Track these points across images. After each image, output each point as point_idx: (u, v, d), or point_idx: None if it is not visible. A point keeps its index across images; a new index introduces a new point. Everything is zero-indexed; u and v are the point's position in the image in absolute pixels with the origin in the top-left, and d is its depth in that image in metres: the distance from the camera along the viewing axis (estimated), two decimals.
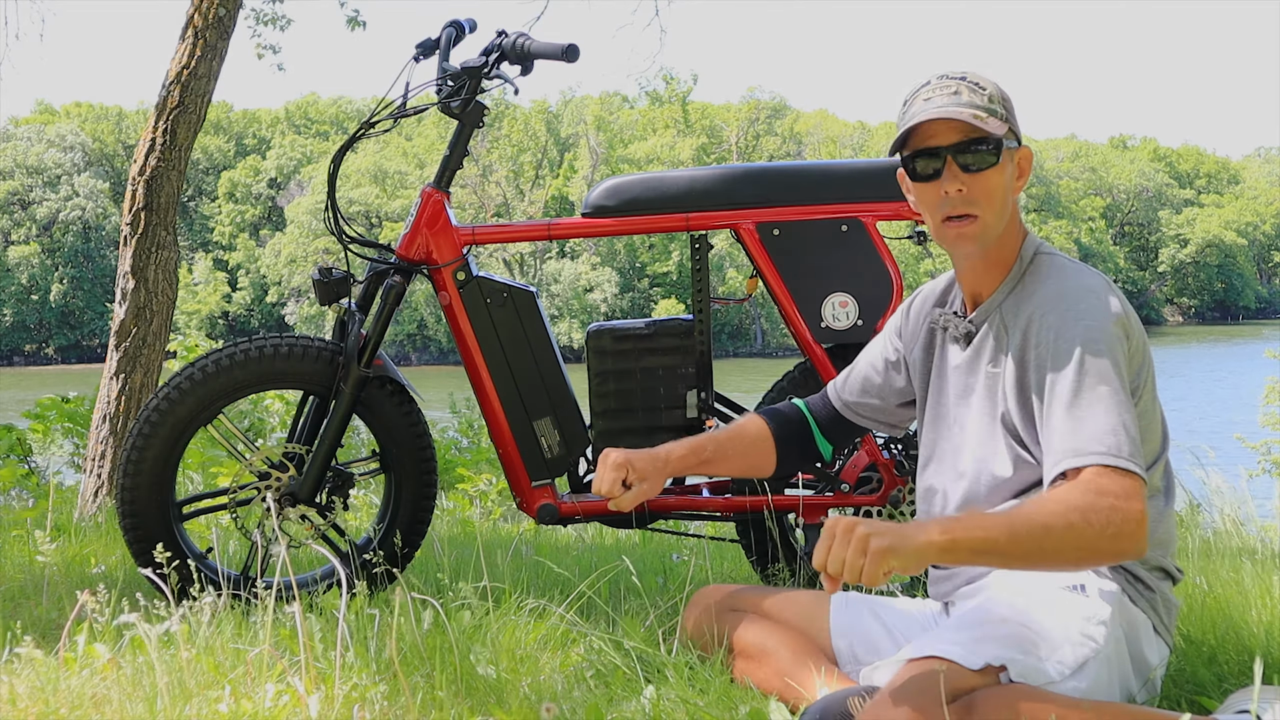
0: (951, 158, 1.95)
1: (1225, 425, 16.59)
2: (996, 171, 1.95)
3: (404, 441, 2.83)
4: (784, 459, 2.32)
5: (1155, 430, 1.99)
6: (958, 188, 1.95)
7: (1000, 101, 1.97)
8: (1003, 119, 1.96)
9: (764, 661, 2.09)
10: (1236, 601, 2.53)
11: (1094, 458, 1.78)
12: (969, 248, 1.98)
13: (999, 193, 1.96)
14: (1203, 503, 4.63)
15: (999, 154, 1.94)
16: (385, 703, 1.93)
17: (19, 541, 3.81)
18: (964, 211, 1.96)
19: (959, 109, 1.93)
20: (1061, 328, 1.89)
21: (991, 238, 1.98)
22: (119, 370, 4.55)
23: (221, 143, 60.51)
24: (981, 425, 2.02)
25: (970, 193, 1.95)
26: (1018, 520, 1.72)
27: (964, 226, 1.96)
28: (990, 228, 1.97)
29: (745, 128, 56.84)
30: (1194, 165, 76.39)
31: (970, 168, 1.94)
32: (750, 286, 3.01)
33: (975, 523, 1.72)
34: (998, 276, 2.02)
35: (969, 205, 1.95)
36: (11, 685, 2.03)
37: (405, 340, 49.61)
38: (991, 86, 1.98)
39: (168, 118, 4.55)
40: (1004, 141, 1.94)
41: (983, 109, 1.94)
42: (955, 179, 1.95)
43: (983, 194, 1.95)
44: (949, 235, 1.98)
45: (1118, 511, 1.73)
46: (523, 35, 2.80)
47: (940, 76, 1.99)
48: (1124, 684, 1.92)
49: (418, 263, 2.83)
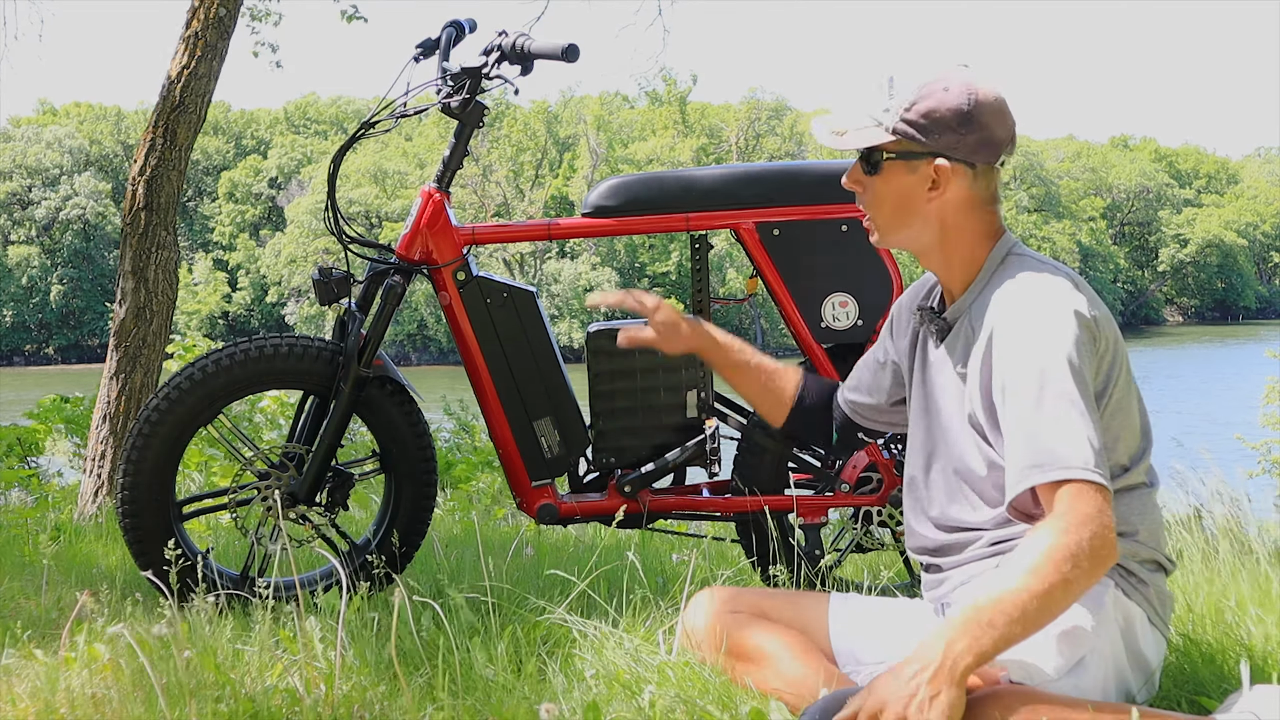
0: (859, 158, 2.05)
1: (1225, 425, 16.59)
2: (879, 180, 2.02)
3: (404, 441, 2.83)
4: (794, 417, 2.40)
5: (1135, 425, 1.99)
6: (851, 184, 2.07)
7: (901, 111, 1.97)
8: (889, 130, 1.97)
9: (764, 662, 2.09)
10: (1236, 602, 2.53)
11: (1061, 471, 1.79)
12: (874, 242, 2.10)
13: (888, 201, 2.03)
14: (1203, 503, 4.63)
15: (878, 165, 2.01)
16: (385, 703, 1.93)
17: (19, 541, 3.81)
18: (861, 208, 2.08)
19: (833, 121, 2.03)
20: (1022, 335, 1.89)
21: (889, 240, 2.07)
22: (119, 370, 4.55)
23: (221, 143, 60.50)
24: (955, 423, 2.04)
25: (864, 195, 2.06)
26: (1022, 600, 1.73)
27: (865, 222, 2.09)
28: (884, 231, 2.06)
29: (745, 128, 56.84)
30: (1194, 165, 76.39)
31: (865, 171, 2.04)
32: (750, 286, 3.01)
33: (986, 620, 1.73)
34: (965, 277, 2.05)
35: (864, 205, 2.07)
36: (11, 685, 2.03)
37: (405, 340, 49.61)
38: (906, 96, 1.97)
39: (168, 118, 4.56)
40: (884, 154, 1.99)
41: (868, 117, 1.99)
42: (851, 176, 2.07)
43: (871, 199, 2.05)
44: None
45: (1098, 538, 1.76)
46: (523, 35, 2.80)
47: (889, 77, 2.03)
48: (1122, 679, 1.93)
49: (418, 263, 2.83)
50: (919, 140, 1.97)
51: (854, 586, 2.92)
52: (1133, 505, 1.98)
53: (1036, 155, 65.38)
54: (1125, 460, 1.98)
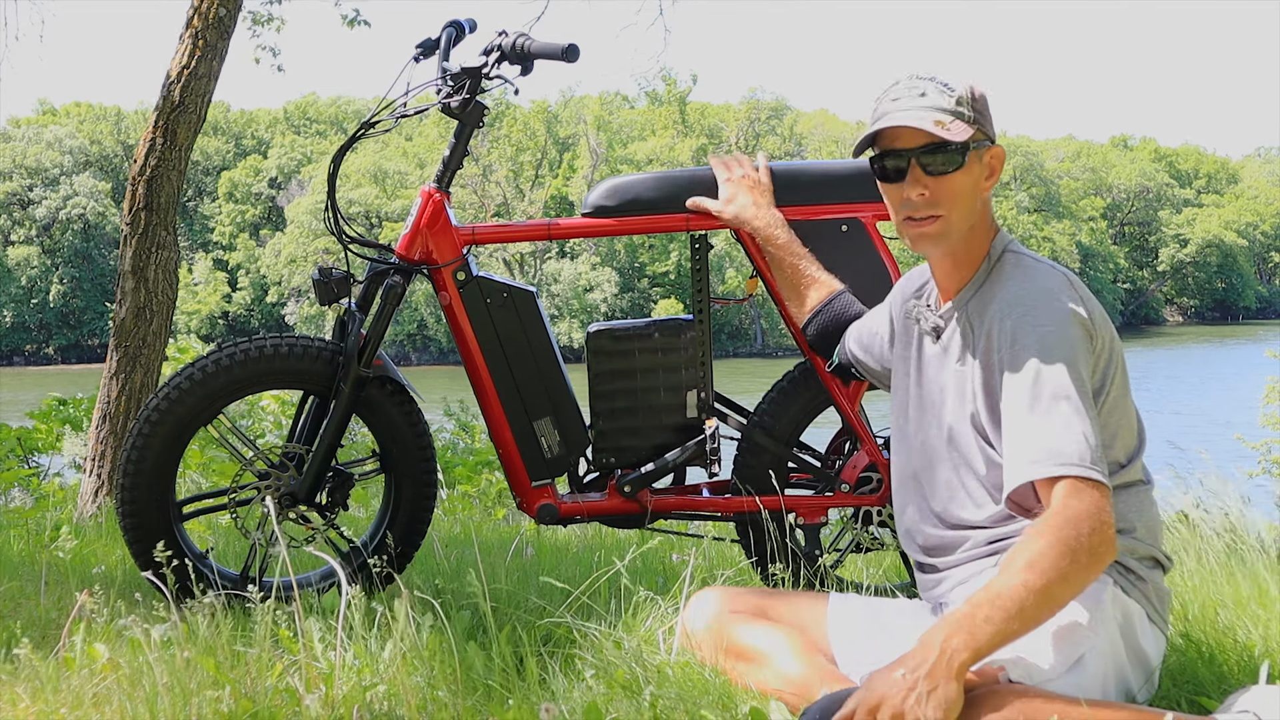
0: (915, 161, 1.99)
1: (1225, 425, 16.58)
2: (962, 174, 1.99)
3: (404, 441, 2.83)
4: (813, 324, 2.66)
5: (1130, 424, 2.00)
6: (919, 191, 2.00)
7: (969, 103, 1.98)
8: (970, 121, 1.97)
9: (763, 662, 2.09)
10: (1236, 601, 2.53)
11: (1058, 468, 1.80)
12: (928, 247, 2.04)
13: (963, 194, 1.99)
14: (1202, 503, 4.63)
15: (964, 157, 1.98)
16: (385, 703, 1.93)
17: (19, 541, 3.82)
18: (927, 213, 2.01)
19: (921, 115, 1.96)
20: (1019, 334, 1.90)
21: (954, 238, 2.03)
22: (119, 370, 4.55)
23: (221, 143, 60.50)
24: (955, 421, 2.05)
25: (933, 195, 2.00)
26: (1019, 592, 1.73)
27: (925, 226, 2.02)
28: (954, 228, 2.02)
29: (745, 128, 56.83)
30: (1194, 165, 76.38)
31: (933, 171, 1.98)
32: (750, 286, 3.01)
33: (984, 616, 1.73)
34: (966, 274, 2.06)
35: (932, 207, 2.00)
36: (11, 685, 2.03)
37: (405, 340, 49.61)
38: (962, 88, 1.99)
39: (168, 118, 4.55)
40: (970, 144, 1.97)
41: (948, 112, 1.96)
42: (918, 183, 2.00)
43: (946, 196, 1.99)
44: (910, 234, 2.04)
45: (1095, 534, 1.76)
46: (523, 35, 2.80)
47: (910, 76, 2.02)
48: (1122, 676, 1.93)
49: (418, 263, 2.83)
50: (986, 130, 2.01)
51: (853, 586, 2.92)
52: (1130, 503, 1.99)
53: (1036, 155, 65.37)
54: (1122, 458, 1.99)
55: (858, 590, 2.83)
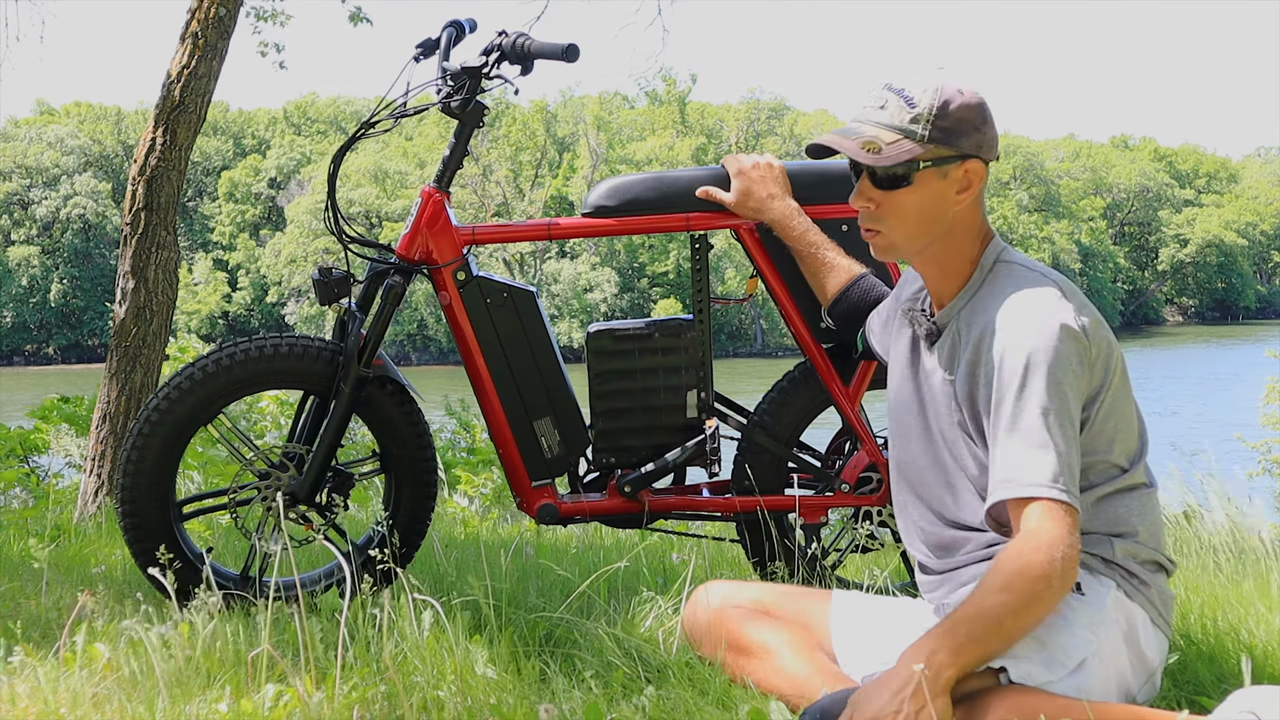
0: (866, 174, 2.00)
1: (1225, 426, 16.58)
2: (909, 192, 1.98)
3: (404, 441, 2.83)
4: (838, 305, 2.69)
5: (1131, 427, 2.00)
6: (864, 203, 2.01)
7: (929, 120, 1.95)
8: (923, 139, 1.95)
9: (764, 661, 2.09)
10: (1236, 601, 2.53)
11: (1032, 489, 1.83)
12: (879, 256, 2.06)
13: (911, 212, 1.99)
14: (1203, 503, 4.63)
15: (910, 177, 1.97)
16: (385, 703, 1.93)
17: (19, 541, 3.82)
18: (869, 226, 2.03)
19: (856, 133, 1.97)
20: (1006, 346, 1.90)
21: (903, 252, 2.04)
22: (119, 370, 4.55)
23: (220, 143, 60.50)
24: (948, 427, 2.05)
25: (880, 210, 2.00)
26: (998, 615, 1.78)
27: (870, 238, 2.04)
28: (899, 244, 2.02)
29: (745, 128, 56.82)
30: (1194, 165, 76.37)
31: (883, 185, 1.99)
32: (750, 286, 3.01)
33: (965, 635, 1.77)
34: (955, 283, 2.05)
35: (875, 221, 2.02)
36: (11, 685, 2.03)
37: (405, 340, 49.61)
38: (929, 103, 1.96)
39: (168, 118, 4.55)
40: (919, 163, 1.96)
41: (896, 129, 1.95)
42: (862, 194, 2.01)
43: (892, 212, 2.00)
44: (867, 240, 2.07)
45: (1067, 560, 1.80)
46: (523, 35, 2.80)
47: (883, 86, 2.01)
48: (1123, 680, 1.93)
49: (418, 263, 2.83)
50: (952, 145, 1.97)
51: (854, 586, 2.92)
52: (1132, 506, 1.99)
53: (1036, 155, 65.38)
54: (1124, 462, 1.98)
55: (859, 590, 2.82)
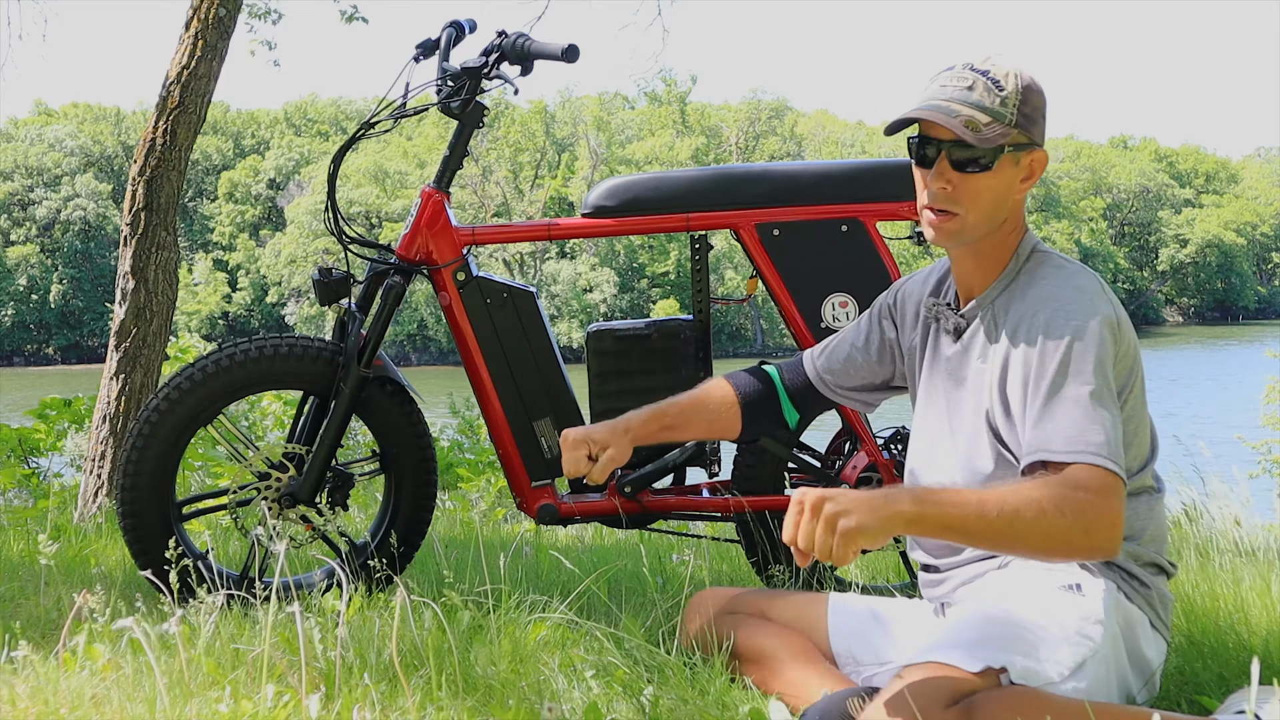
0: (945, 154, 1.94)
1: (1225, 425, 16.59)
2: (989, 177, 1.93)
3: (404, 442, 2.83)
4: (749, 424, 2.35)
5: (1145, 432, 2.00)
6: (942, 185, 1.95)
7: (1016, 105, 1.92)
8: (1010, 124, 1.92)
9: (763, 663, 2.09)
10: (1236, 601, 2.53)
11: (1074, 455, 1.78)
12: (943, 241, 1.99)
13: (987, 196, 1.94)
14: (1202, 503, 4.63)
15: (994, 161, 1.93)
16: (385, 703, 1.93)
17: (19, 541, 3.81)
18: (944, 207, 1.96)
19: (955, 111, 1.91)
20: (1051, 325, 1.89)
21: (969, 237, 1.98)
22: (119, 370, 4.55)
23: (221, 143, 60.50)
24: (967, 419, 2.02)
25: (956, 192, 1.94)
26: (989, 501, 1.71)
27: (942, 220, 1.97)
28: (970, 228, 1.97)
29: (745, 128, 56.84)
30: (1194, 165, 76.37)
31: (960, 168, 1.94)
32: (750, 286, 3.01)
33: (947, 499, 1.71)
34: (991, 273, 2.02)
35: (951, 203, 1.95)
36: (11, 685, 2.03)
37: (405, 340, 49.61)
38: (1013, 87, 1.93)
39: (168, 118, 4.55)
40: (1004, 148, 1.92)
41: (988, 111, 1.91)
42: (942, 176, 1.95)
43: (968, 195, 1.94)
44: (927, 222, 1.99)
45: (1093, 507, 1.73)
46: (522, 35, 2.80)
47: (965, 66, 1.96)
48: (1123, 682, 1.93)
49: (418, 263, 2.83)
50: (1028, 132, 1.95)
51: (853, 586, 2.92)
52: (1139, 509, 1.99)
53: None
54: (1135, 465, 1.99)
55: (858, 590, 2.82)
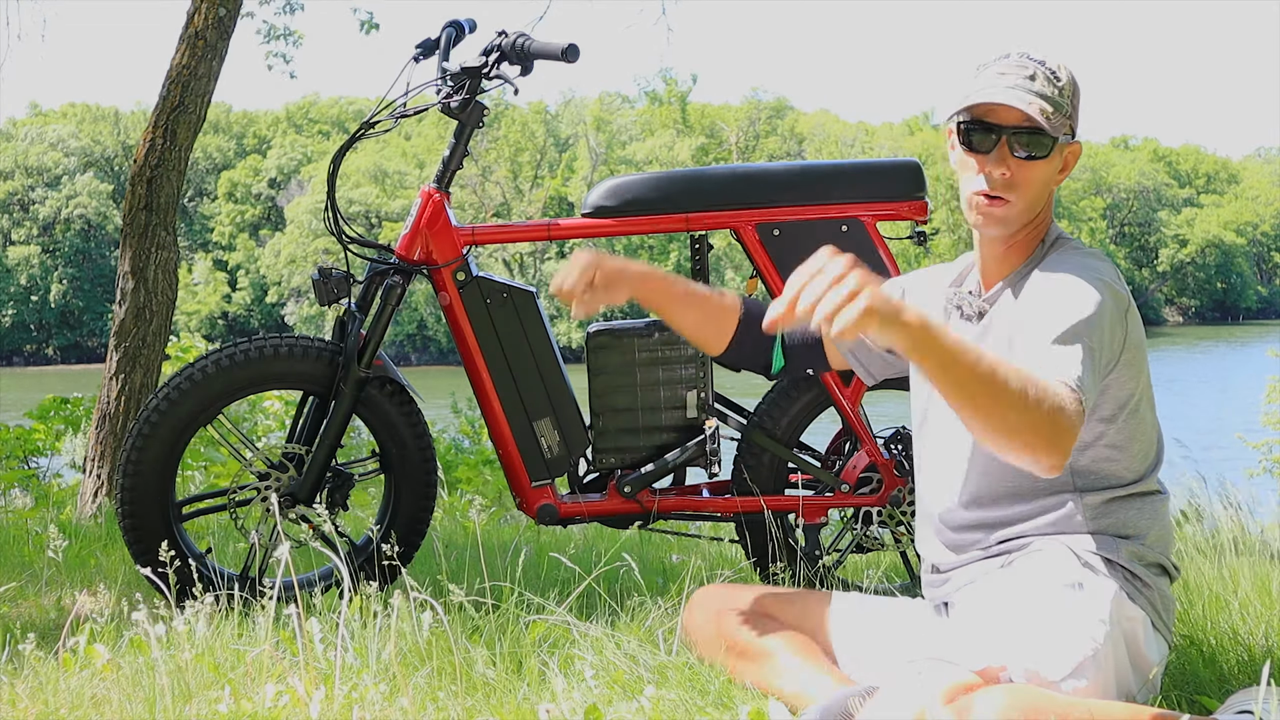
0: (1007, 140, 1.95)
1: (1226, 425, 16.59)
2: (1045, 165, 1.97)
3: (404, 442, 2.83)
4: (735, 344, 2.31)
5: (1150, 437, 2.01)
6: (1002, 171, 1.95)
7: (1070, 96, 1.97)
8: (1066, 115, 1.96)
9: (764, 662, 2.09)
10: (1237, 601, 2.53)
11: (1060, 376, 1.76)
12: (991, 227, 1.99)
13: (1039, 184, 1.98)
14: (1203, 502, 4.63)
15: (1052, 149, 1.96)
16: (385, 703, 1.93)
17: (19, 541, 3.82)
18: (1000, 194, 1.97)
19: (1030, 100, 1.93)
20: (1058, 289, 1.91)
21: (1016, 224, 2.00)
22: (119, 370, 4.55)
23: (222, 142, 60.50)
24: None
25: (1014, 178, 1.96)
26: (985, 359, 1.68)
27: (994, 206, 1.97)
28: (1019, 215, 1.99)
29: (745, 128, 56.83)
30: (1194, 165, 76.36)
31: (1021, 155, 1.95)
32: (750, 286, 3.01)
33: (954, 339, 1.68)
34: (1017, 260, 2.05)
35: (1007, 189, 1.96)
36: (11, 685, 2.03)
37: (405, 340, 49.59)
38: (1067, 78, 1.98)
39: (168, 118, 4.55)
40: (1060, 138, 1.96)
41: (1052, 102, 1.94)
42: (1003, 162, 1.95)
43: (1024, 182, 1.96)
44: (977, 209, 1.98)
45: (1066, 415, 1.70)
46: (522, 35, 2.80)
47: (1021, 55, 1.98)
48: (1123, 682, 1.93)
49: (417, 263, 2.83)
50: (1075, 125, 1.99)
51: (854, 587, 2.92)
52: (1144, 510, 2.00)
53: None
54: (1142, 468, 1.99)
55: (859, 590, 2.82)
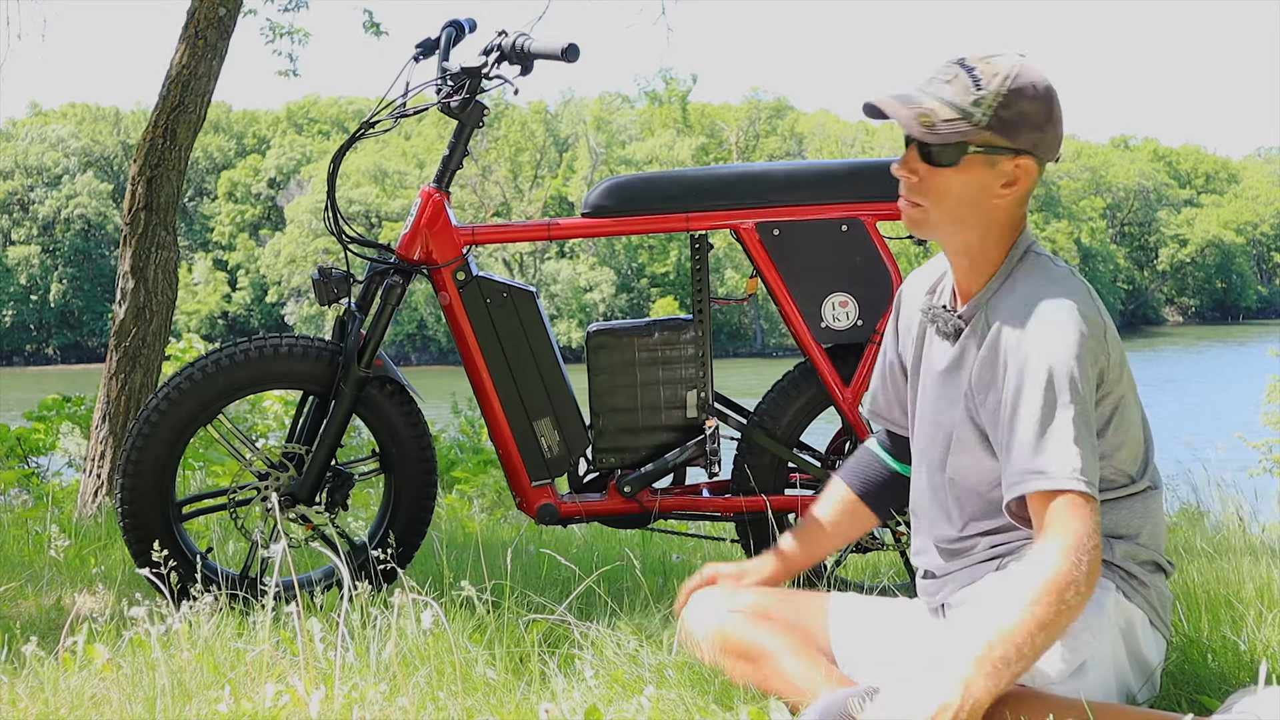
0: (915, 144, 1.94)
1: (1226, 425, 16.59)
2: (955, 173, 1.91)
3: (404, 441, 2.83)
4: (878, 509, 2.33)
5: (1136, 434, 1.98)
6: (906, 173, 1.95)
7: (993, 107, 1.88)
8: (979, 124, 1.89)
9: (763, 661, 2.09)
10: (1237, 601, 2.53)
11: (1057, 481, 1.80)
12: (912, 230, 2.00)
13: (952, 194, 1.93)
14: (1204, 502, 4.63)
15: (958, 158, 1.91)
16: (385, 703, 1.93)
17: (19, 541, 3.82)
18: (909, 197, 1.97)
19: (914, 101, 1.91)
20: (1030, 344, 1.88)
21: (936, 233, 1.98)
22: (119, 370, 4.55)
23: (222, 141, 60.48)
24: (962, 425, 2.02)
25: (922, 184, 1.94)
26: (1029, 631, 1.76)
27: (909, 209, 1.97)
28: (933, 223, 1.96)
29: (745, 128, 56.83)
30: (1194, 165, 76.33)
31: (928, 160, 1.93)
32: (750, 286, 3.01)
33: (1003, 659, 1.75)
34: (984, 274, 2.01)
35: (915, 194, 1.96)
36: (11, 685, 2.03)
37: (405, 340, 49.59)
38: (996, 88, 1.88)
39: (168, 118, 4.55)
40: (967, 147, 1.90)
41: (954, 108, 1.89)
42: (907, 164, 1.95)
43: (933, 190, 1.94)
44: (900, 208, 2.00)
45: (1093, 562, 1.78)
46: (522, 35, 2.80)
47: (956, 60, 1.93)
48: (1123, 681, 1.93)
49: (417, 263, 2.83)
50: (1009, 136, 1.90)
51: (854, 586, 2.92)
52: (1135, 508, 1.98)
53: None
54: (1130, 470, 1.98)
55: (858, 590, 2.82)
